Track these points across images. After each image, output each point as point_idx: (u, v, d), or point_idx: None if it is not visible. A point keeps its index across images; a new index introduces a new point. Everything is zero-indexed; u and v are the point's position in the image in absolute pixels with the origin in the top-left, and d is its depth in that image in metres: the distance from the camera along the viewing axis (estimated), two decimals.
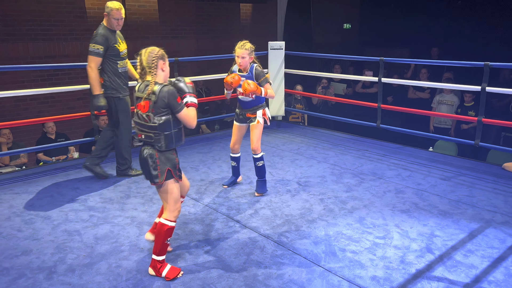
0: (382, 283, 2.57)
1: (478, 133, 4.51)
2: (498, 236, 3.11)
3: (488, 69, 4.29)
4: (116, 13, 3.81)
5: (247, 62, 3.68)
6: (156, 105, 2.50)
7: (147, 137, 2.58)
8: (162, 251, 2.63)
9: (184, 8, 8.09)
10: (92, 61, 3.77)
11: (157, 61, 2.53)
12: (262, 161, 3.83)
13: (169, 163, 2.61)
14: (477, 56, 5.14)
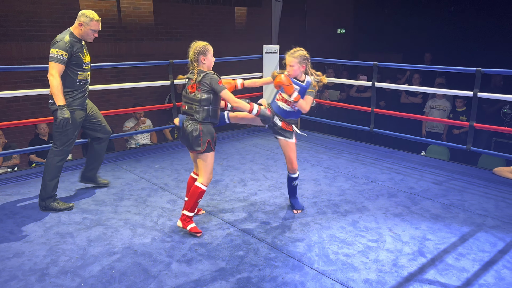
0: (375, 286, 2.58)
1: (469, 138, 4.56)
2: (489, 240, 3.15)
3: (480, 75, 4.35)
4: (96, 24, 3.57)
5: (296, 71, 3.34)
6: (200, 86, 3.07)
7: (189, 108, 3.12)
8: (192, 208, 3.17)
9: (179, 10, 8.10)
10: (53, 68, 3.43)
11: (197, 56, 3.11)
12: (297, 181, 3.58)
13: (209, 135, 3.12)
14: (469, 62, 5.21)
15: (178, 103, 5.60)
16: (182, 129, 3.15)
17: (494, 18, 7.73)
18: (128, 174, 4.52)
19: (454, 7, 8.65)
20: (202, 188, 3.14)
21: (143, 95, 7.68)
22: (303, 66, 3.36)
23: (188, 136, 3.11)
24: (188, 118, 3.14)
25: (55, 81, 3.43)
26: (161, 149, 5.50)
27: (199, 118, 3.09)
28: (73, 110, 3.60)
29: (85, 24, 3.54)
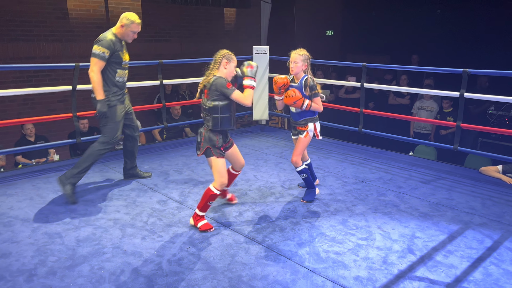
0: (365, 283, 2.60)
1: (456, 138, 4.63)
2: (476, 237, 3.19)
3: (466, 75, 4.42)
4: (137, 26, 3.79)
5: (299, 68, 3.54)
6: (210, 92, 3.13)
7: (203, 115, 3.23)
8: (203, 208, 3.25)
9: (168, 11, 8.06)
10: (95, 64, 3.64)
11: (221, 59, 3.15)
12: (305, 174, 3.71)
13: (209, 143, 3.20)
14: (456, 63, 5.28)
15: (168, 103, 5.59)
16: None
17: (480, 19, 7.86)
18: (117, 175, 4.47)
19: (440, 10, 8.78)
20: (213, 191, 3.20)
21: (131, 95, 7.55)
22: (305, 64, 3.56)
23: (196, 138, 3.30)
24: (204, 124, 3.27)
25: (96, 76, 3.64)
26: (150, 149, 5.46)
27: (210, 126, 3.19)
28: (114, 105, 3.81)
29: (127, 25, 3.74)
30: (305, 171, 3.72)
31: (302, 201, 3.81)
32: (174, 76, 6.79)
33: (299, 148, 3.65)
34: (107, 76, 3.76)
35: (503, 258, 2.90)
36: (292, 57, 3.55)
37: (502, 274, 2.71)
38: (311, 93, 3.55)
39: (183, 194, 3.97)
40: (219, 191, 3.22)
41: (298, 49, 3.57)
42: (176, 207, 3.67)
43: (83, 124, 5.89)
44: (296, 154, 3.66)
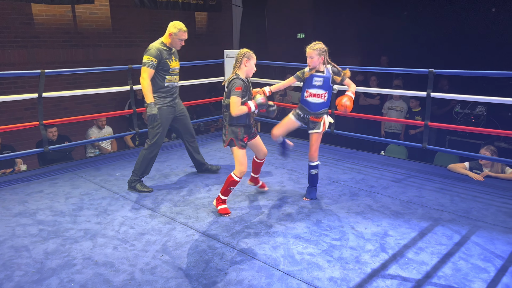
0: (339, 284, 2.62)
1: (425, 137, 4.74)
2: (446, 233, 3.28)
3: (432, 75, 4.54)
4: (183, 34, 4.03)
5: (316, 62, 3.69)
6: (227, 91, 3.45)
7: (223, 112, 3.56)
8: (225, 193, 3.58)
9: (138, 16, 7.96)
10: (145, 72, 3.94)
11: (242, 59, 3.44)
12: (316, 170, 3.84)
13: (232, 134, 3.53)
14: (422, 64, 5.42)
15: (138, 109, 5.50)
16: None
17: (445, 21, 8.11)
18: (87, 183, 4.37)
19: (407, 12, 9.01)
20: (234, 178, 3.52)
21: (102, 101, 7.47)
22: (321, 57, 3.71)
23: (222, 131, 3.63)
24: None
25: (145, 82, 3.94)
26: (122, 156, 5.36)
27: (226, 121, 3.53)
28: (161, 108, 4.06)
29: (174, 34, 4.00)
30: (318, 167, 3.85)
31: (305, 199, 3.93)
32: None
33: (317, 143, 3.79)
34: (156, 82, 4.04)
35: (471, 253, 2.99)
36: (307, 52, 3.70)
37: (471, 269, 2.79)
38: (341, 77, 3.73)
39: (156, 201, 3.91)
40: (239, 178, 3.53)
41: (312, 44, 3.73)
42: (149, 215, 3.62)
43: (52, 132, 5.73)
44: (315, 150, 3.78)
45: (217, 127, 8.14)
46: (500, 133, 4.99)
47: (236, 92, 3.38)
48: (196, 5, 8.11)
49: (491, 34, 7.53)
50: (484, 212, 3.66)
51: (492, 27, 7.52)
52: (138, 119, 5.96)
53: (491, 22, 7.66)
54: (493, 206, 3.78)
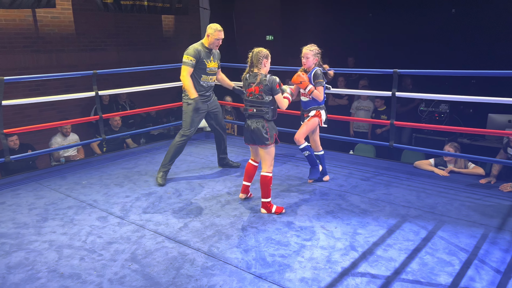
0: (311, 284, 2.64)
1: (391, 135, 4.84)
2: (413, 229, 3.36)
3: (396, 75, 4.64)
4: (219, 34, 4.26)
5: (310, 62, 3.99)
6: (265, 88, 3.55)
7: (258, 110, 3.61)
8: (268, 194, 3.64)
9: (103, 19, 7.78)
10: (184, 70, 4.20)
11: (262, 59, 3.59)
12: (307, 151, 4.12)
13: (274, 130, 3.65)
14: (388, 64, 5.53)
15: (105, 115, 5.37)
16: (246, 128, 3.67)
17: (408, 22, 8.33)
18: (52, 193, 4.23)
19: (372, 13, 9.19)
20: (269, 176, 3.61)
21: (67, 108, 7.25)
22: (316, 59, 4.02)
23: (256, 132, 3.61)
24: (253, 118, 3.64)
25: (186, 80, 4.20)
26: (89, 164, 5.23)
27: (269, 117, 3.61)
28: (192, 103, 4.29)
29: (211, 35, 4.25)
30: (307, 148, 4.12)
31: (309, 181, 4.34)
32: (112, 86, 6.56)
33: (303, 129, 4.09)
34: (193, 79, 4.31)
35: (437, 247, 3.07)
36: (304, 52, 4.01)
37: (437, 263, 2.87)
38: (315, 82, 4.00)
39: (125, 208, 3.83)
40: (272, 173, 3.66)
41: (308, 45, 4.05)
42: (117, 223, 3.53)
43: (13, 141, 5.53)
44: (299, 133, 4.08)
45: None
46: (463, 130, 5.16)
47: (278, 89, 3.58)
48: (162, 8, 8.01)
49: (452, 34, 7.79)
50: (448, 207, 3.77)
51: (452, 27, 7.79)
52: (105, 125, 5.83)
53: (452, 22, 7.93)
54: (457, 201, 3.90)
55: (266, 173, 3.63)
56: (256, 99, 3.60)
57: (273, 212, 3.64)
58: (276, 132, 3.67)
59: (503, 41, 6.96)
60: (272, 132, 3.63)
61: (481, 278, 2.68)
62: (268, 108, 3.60)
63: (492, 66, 4.93)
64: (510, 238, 3.19)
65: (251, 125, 3.63)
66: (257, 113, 3.62)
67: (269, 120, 3.63)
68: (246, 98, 3.66)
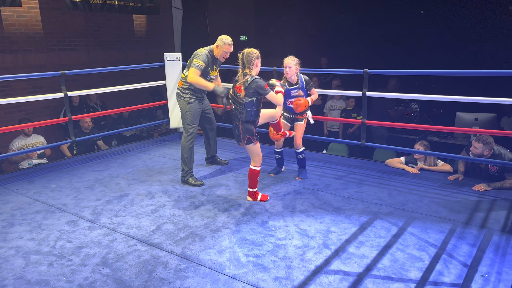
0: (284, 283, 2.65)
1: (363, 134, 4.92)
2: (384, 226, 3.42)
3: (367, 75, 4.72)
4: (228, 48, 4.34)
5: (293, 71, 4.19)
6: (247, 89, 3.58)
7: (236, 108, 3.67)
8: (254, 184, 3.88)
9: (72, 19, 7.59)
10: (194, 73, 4.24)
11: (254, 60, 3.61)
12: (303, 154, 4.46)
13: (248, 132, 3.69)
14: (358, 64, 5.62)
15: (74, 116, 5.24)
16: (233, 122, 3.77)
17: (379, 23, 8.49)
18: (19, 197, 4.09)
19: (344, 14, 9.32)
20: (256, 169, 3.82)
21: (35, 110, 7.03)
22: (297, 68, 4.23)
23: (234, 130, 3.77)
24: (234, 116, 3.72)
25: (198, 79, 4.23)
26: (58, 167, 5.08)
27: (243, 118, 3.64)
28: (193, 102, 4.43)
29: (220, 46, 4.35)
30: (304, 152, 4.46)
31: (297, 178, 4.52)
32: (82, 87, 6.40)
33: (301, 132, 4.39)
34: None
35: (408, 243, 3.14)
36: (286, 62, 4.20)
37: (407, 259, 2.93)
38: (309, 86, 4.31)
39: (96, 212, 3.74)
40: (260, 167, 3.84)
41: (289, 56, 4.23)
42: (88, 227, 3.45)
43: None
44: (299, 138, 4.38)
45: (161, 132, 7.97)
46: (432, 128, 5.30)
47: (267, 89, 3.62)
48: (133, 7, 7.88)
49: (421, 35, 7.99)
50: (418, 204, 3.86)
51: (421, 28, 7.99)
52: (75, 127, 5.69)
53: (420, 24, 8.14)
54: (426, 198, 4.00)
55: (254, 167, 3.82)
56: (236, 97, 3.65)
57: (258, 200, 3.90)
58: (252, 135, 3.69)
59: (468, 42, 7.20)
60: (245, 134, 3.68)
61: (450, 272, 2.75)
62: (244, 109, 3.61)
63: (459, 65, 5.08)
64: (477, 233, 3.29)
65: (233, 122, 3.76)
66: (235, 111, 3.68)
67: (244, 121, 3.65)
68: (231, 94, 3.75)
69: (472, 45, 7.21)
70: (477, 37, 7.22)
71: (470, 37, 7.23)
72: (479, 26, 7.23)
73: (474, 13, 7.30)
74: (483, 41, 7.12)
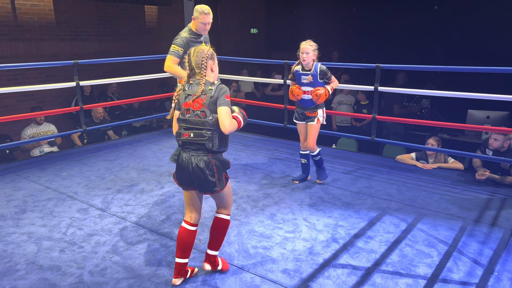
0: (293, 275, 2.66)
1: (373, 130, 4.89)
2: (393, 222, 3.41)
3: (379, 70, 4.69)
4: (205, 17, 3.78)
5: (310, 58, 3.82)
6: (210, 101, 2.43)
7: (197, 135, 2.42)
8: (220, 245, 2.66)
9: (84, 8, 7.62)
10: (169, 60, 3.77)
11: (206, 61, 2.47)
12: (319, 156, 4.08)
13: (223, 168, 2.51)
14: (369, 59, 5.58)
15: (86, 106, 5.27)
16: (181, 164, 2.47)
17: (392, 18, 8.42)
18: (31, 184, 4.15)
19: (356, 8, 9.26)
20: (228, 219, 2.64)
21: (46, 98, 7.10)
22: (315, 54, 3.86)
23: (196, 174, 2.42)
24: (190, 149, 2.45)
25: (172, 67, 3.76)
26: (69, 155, 5.13)
27: (213, 147, 2.42)
28: None
29: (196, 18, 3.77)
30: (321, 153, 4.10)
31: (318, 181, 4.22)
32: (93, 77, 6.44)
33: (314, 135, 3.99)
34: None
35: (417, 239, 3.13)
36: (304, 47, 3.82)
37: (416, 254, 2.92)
38: (325, 77, 3.90)
39: (106, 200, 3.78)
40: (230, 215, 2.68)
41: (308, 40, 3.88)
42: (98, 215, 3.49)
43: None
44: (312, 140, 3.99)
45: (170, 124, 7.99)
46: (443, 125, 5.26)
47: (228, 101, 2.44)
48: None
49: (434, 30, 7.91)
50: (428, 200, 3.84)
51: (434, 23, 7.91)
52: (86, 116, 5.73)
53: (434, 19, 8.05)
54: (436, 194, 3.98)
55: (226, 215, 2.62)
56: (195, 118, 2.42)
57: (219, 269, 2.67)
58: (228, 168, 2.53)
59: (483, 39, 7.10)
60: (221, 173, 2.48)
61: (459, 269, 2.74)
62: (213, 133, 2.41)
63: (472, 62, 5.02)
64: (487, 230, 3.27)
65: (187, 160, 2.44)
66: (196, 139, 2.41)
67: (216, 151, 2.46)
68: (180, 118, 2.49)
69: (486, 41, 7.12)
70: (491, 33, 7.13)
71: (483, 33, 7.14)
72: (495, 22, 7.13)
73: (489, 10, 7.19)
74: (498, 38, 7.03)
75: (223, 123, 2.39)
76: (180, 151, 2.51)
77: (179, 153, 2.50)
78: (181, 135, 2.47)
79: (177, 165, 2.51)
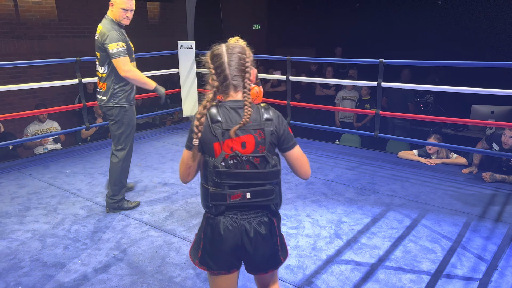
0: (296, 271, 2.66)
1: (376, 125, 4.88)
2: (397, 218, 3.40)
3: (382, 65, 4.66)
4: (127, 3, 3.01)
5: None
6: (271, 138, 1.61)
7: (258, 194, 1.60)
8: None
9: (86, 6, 7.61)
10: (124, 63, 3.05)
11: (250, 68, 1.60)
12: None
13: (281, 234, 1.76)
14: (373, 54, 5.55)
15: (88, 103, 5.27)
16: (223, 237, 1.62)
17: (394, 13, 8.37)
18: (35, 182, 4.16)
19: (358, 3, 9.20)
20: None
21: (49, 96, 7.11)
22: None
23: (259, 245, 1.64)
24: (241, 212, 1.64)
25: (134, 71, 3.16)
26: (72, 153, 5.15)
27: (279, 204, 1.71)
28: (129, 110, 3.27)
29: (115, 3, 3.01)
30: None
31: None
32: (95, 74, 6.42)
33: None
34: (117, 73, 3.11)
35: (420, 235, 3.12)
36: None
37: (419, 250, 2.91)
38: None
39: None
40: None
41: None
42: (102, 212, 3.50)
43: None
44: None
45: (173, 120, 8.00)
46: (447, 120, 5.23)
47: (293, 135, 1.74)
48: None
49: (438, 25, 7.85)
50: (432, 196, 3.83)
51: (438, 19, 7.85)
52: (89, 113, 5.74)
53: (438, 14, 7.99)
54: (440, 190, 3.96)
55: None
56: (251, 163, 1.61)
57: None
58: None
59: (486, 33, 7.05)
60: (282, 240, 1.77)
61: (463, 265, 2.73)
62: (276, 187, 1.69)
63: (475, 57, 4.99)
64: (491, 226, 3.26)
65: (237, 228, 1.63)
66: (256, 201, 1.63)
67: (275, 211, 1.72)
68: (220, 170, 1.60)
69: (490, 36, 7.06)
70: (495, 28, 7.07)
71: (488, 28, 7.08)
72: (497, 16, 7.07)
73: (493, 4, 7.14)
74: (502, 32, 6.97)
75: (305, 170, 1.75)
76: (217, 217, 1.64)
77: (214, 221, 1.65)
78: (228, 197, 1.60)
79: (211, 239, 1.64)
